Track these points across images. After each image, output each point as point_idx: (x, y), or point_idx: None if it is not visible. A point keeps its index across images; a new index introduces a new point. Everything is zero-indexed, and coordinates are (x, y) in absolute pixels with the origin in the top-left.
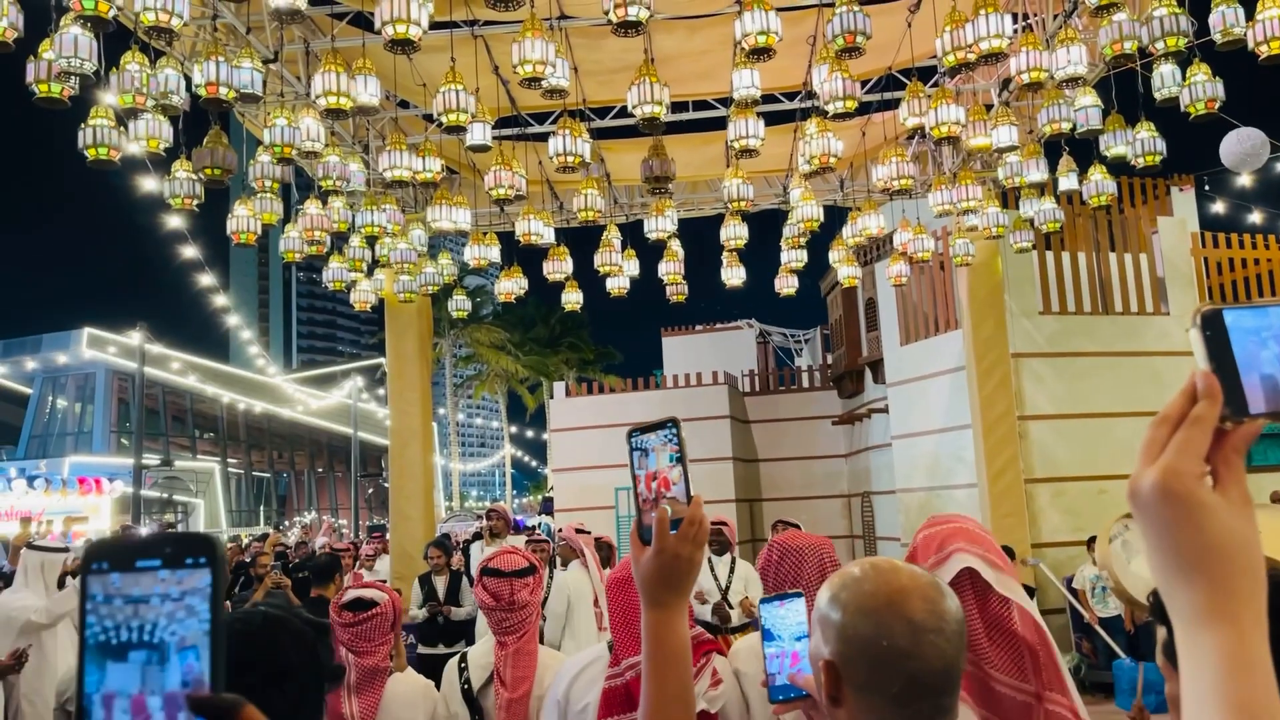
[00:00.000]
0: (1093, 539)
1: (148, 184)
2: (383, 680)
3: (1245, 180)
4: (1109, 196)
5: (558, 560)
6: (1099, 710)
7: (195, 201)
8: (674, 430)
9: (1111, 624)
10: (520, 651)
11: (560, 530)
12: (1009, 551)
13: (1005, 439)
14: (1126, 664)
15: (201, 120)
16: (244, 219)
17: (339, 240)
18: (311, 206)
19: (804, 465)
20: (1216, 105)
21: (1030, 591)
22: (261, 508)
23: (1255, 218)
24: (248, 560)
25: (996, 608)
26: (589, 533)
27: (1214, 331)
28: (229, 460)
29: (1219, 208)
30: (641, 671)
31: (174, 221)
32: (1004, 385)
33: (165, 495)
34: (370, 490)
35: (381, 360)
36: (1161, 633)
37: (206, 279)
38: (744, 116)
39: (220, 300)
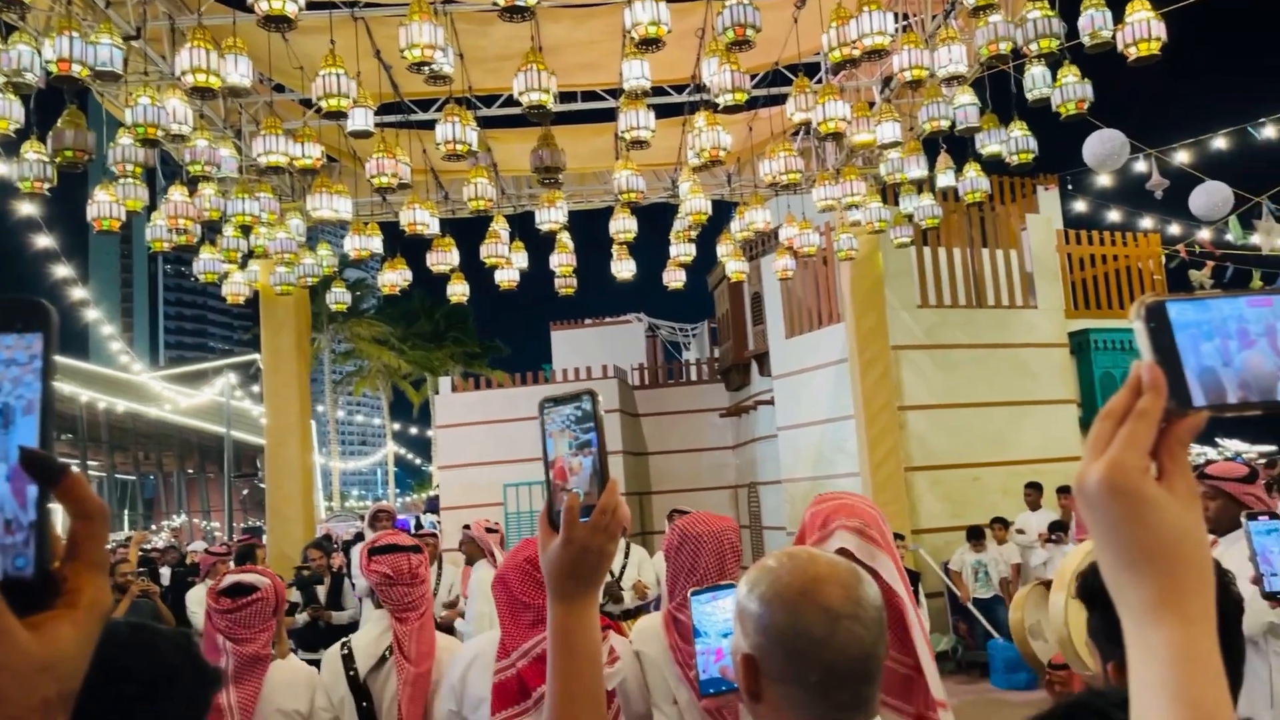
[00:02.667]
0: (972, 527)
1: None
2: (263, 668)
3: (1105, 180)
4: (983, 193)
5: (444, 558)
6: (975, 688)
7: (47, 185)
8: (588, 406)
9: (989, 605)
10: (424, 627)
11: (467, 527)
12: (898, 536)
13: (886, 429)
14: (1000, 643)
15: (56, 99)
16: (105, 205)
17: (210, 230)
18: (178, 193)
19: (692, 457)
20: (1085, 106)
21: (915, 576)
22: (126, 512)
23: (1114, 216)
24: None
25: (884, 582)
26: (498, 530)
27: (1158, 323)
28: (89, 462)
29: (1081, 206)
30: (548, 671)
31: (26, 208)
32: (885, 377)
33: None
34: (245, 491)
35: (256, 356)
36: (1087, 617)
37: (63, 270)
38: (634, 108)
39: (79, 293)
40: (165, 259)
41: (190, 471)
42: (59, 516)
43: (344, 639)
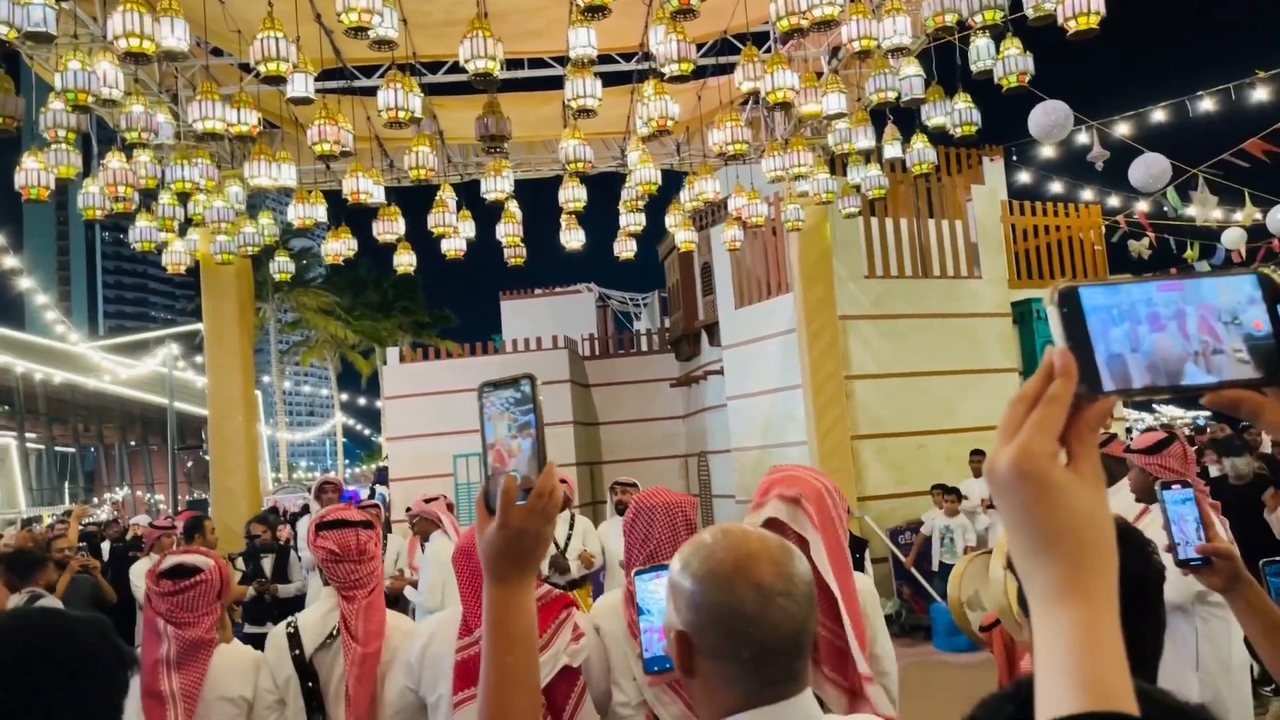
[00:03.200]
0: (937, 487)
1: None
2: (207, 653)
3: (1049, 151)
4: (930, 165)
5: (393, 530)
6: (917, 651)
7: None
8: (527, 389)
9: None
10: (373, 605)
11: (409, 510)
12: None
13: (833, 398)
14: (943, 607)
15: None
16: (34, 173)
17: (147, 197)
18: (114, 160)
19: (642, 427)
20: (1027, 78)
21: (862, 543)
22: (66, 485)
23: (1057, 187)
24: (45, 544)
25: (810, 557)
26: (438, 498)
27: (1070, 309)
28: (27, 435)
29: (1025, 177)
30: (482, 654)
31: None
32: (832, 347)
33: None
34: (190, 464)
35: (199, 326)
36: (1015, 584)
37: None
38: (581, 76)
39: (10, 262)
40: (103, 226)
41: (132, 444)
42: None
43: (290, 618)
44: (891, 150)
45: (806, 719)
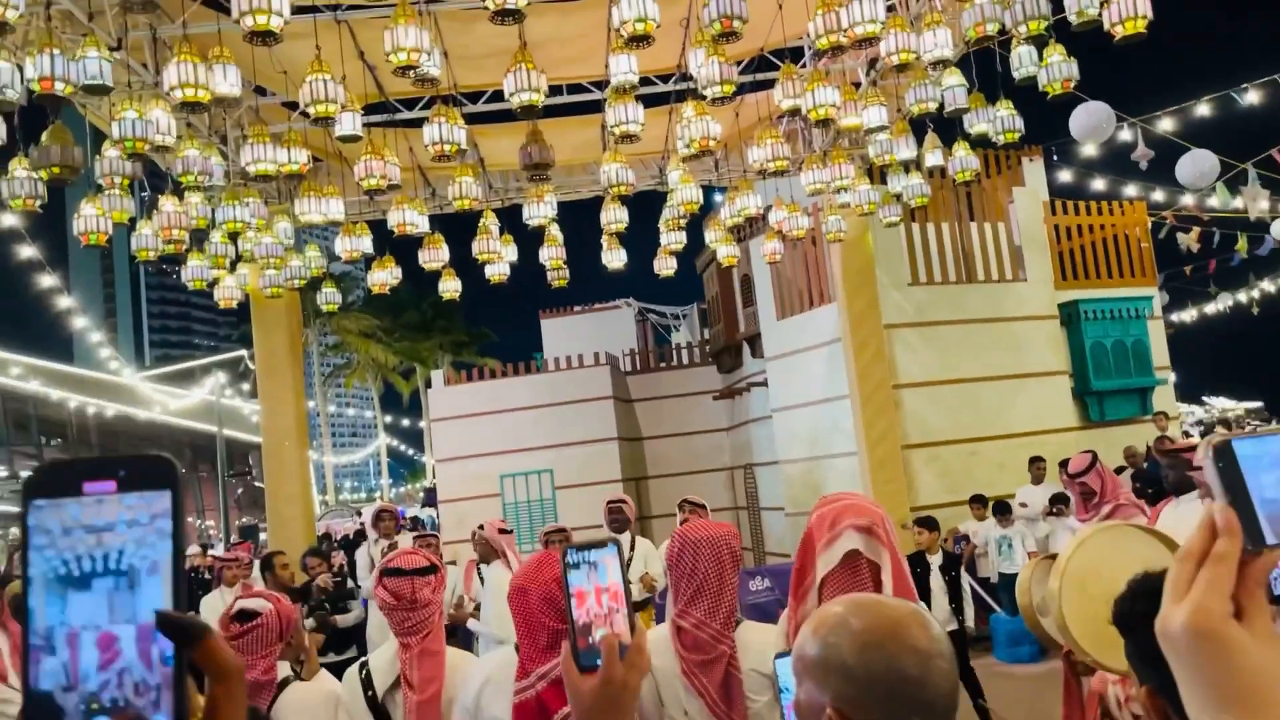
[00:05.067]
0: (998, 503)
1: None
2: (268, 693)
3: (1090, 150)
4: (972, 172)
5: (442, 554)
6: (980, 664)
7: (38, 202)
8: (614, 555)
9: (1012, 581)
10: (425, 652)
11: (481, 528)
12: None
13: (882, 408)
14: (1002, 618)
15: (39, 112)
16: (92, 219)
17: (197, 236)
18: (167, 204)
19: (686, 440)
20: (1072, 85)
21: (921, 555)
22: None
23: (1099, 184)
24: None
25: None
26: (511, 531)
27: (1226, 463)
28: None
29: (1066, 176)
30: None
31: (8, 220)
32: (879, 356)
33: (14, 509)
34: (240, 490)
35: (243, 353)
36: (1125, 642)
37: (48, 280)
38: (623, 102)
39: (65, 302)
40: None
41: (183, 471)
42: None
43: (364, 660)
44: (933, 158)
45: None
